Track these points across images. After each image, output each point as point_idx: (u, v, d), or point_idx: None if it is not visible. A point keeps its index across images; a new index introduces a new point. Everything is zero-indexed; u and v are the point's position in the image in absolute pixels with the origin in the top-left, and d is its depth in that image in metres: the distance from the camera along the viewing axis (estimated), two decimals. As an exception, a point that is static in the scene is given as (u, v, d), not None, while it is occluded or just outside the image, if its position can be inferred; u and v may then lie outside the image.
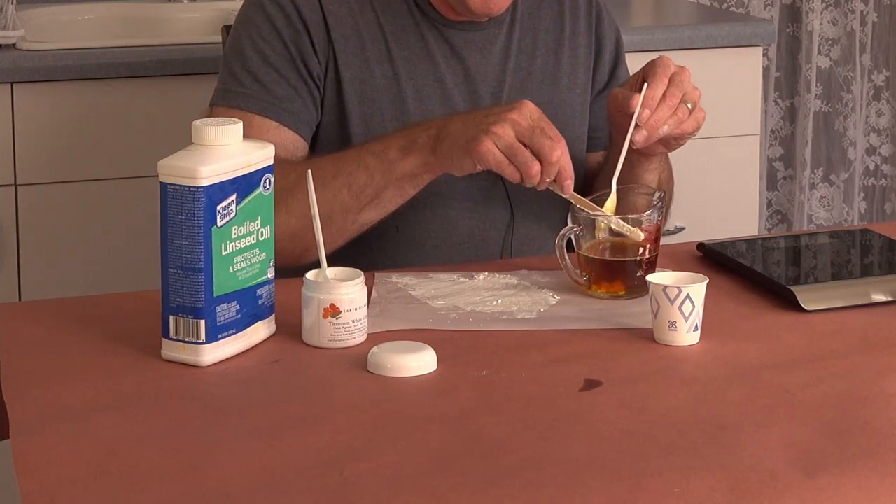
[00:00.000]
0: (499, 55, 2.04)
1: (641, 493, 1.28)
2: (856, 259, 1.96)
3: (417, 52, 2.00)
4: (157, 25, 3.11)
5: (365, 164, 1.85)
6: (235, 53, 1.99)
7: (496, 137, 1.74)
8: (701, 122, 1.89)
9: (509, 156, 1.75)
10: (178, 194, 1.53)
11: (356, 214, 1.86)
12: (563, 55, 2.09)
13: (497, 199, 2.03)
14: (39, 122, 2.69)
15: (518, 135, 1.75)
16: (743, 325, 1.71)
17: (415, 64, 2.00)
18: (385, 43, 2.00)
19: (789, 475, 1.31)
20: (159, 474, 1.32)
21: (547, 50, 2.08)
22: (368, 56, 1.99)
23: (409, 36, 2.01)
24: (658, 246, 1.80)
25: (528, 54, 2.06)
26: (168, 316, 1.57)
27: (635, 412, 1.46)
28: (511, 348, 1.63)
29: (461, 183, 1.99)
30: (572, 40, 2.10)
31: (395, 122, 1.98)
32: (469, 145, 1.76)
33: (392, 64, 1.99)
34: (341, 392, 1.51)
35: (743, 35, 3.14)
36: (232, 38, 2.01)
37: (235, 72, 1.97)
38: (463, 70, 2.02)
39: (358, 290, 1.62)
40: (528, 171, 1.74)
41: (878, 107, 3.90)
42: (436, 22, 2.01)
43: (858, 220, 3.90)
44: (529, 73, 2.06)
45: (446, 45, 2.02)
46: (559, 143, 1.75)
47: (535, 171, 1.74)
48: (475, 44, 2.03)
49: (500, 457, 1.35)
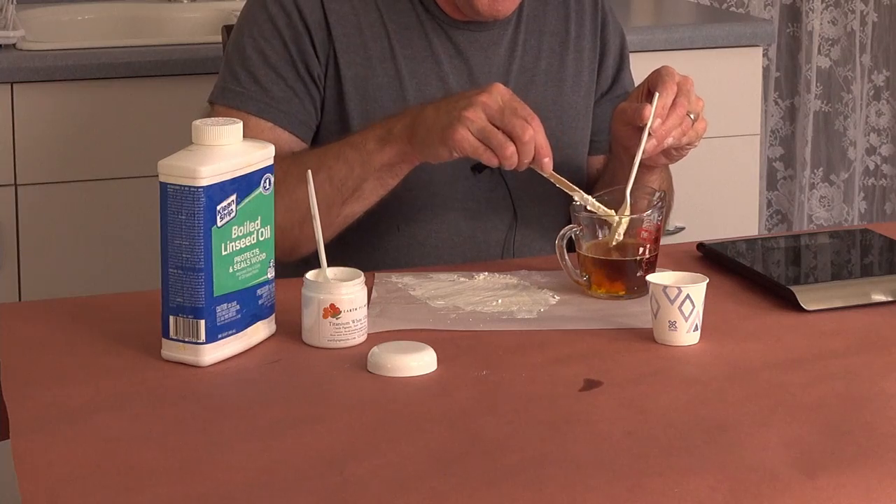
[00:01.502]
0: (503, 56, 2.04)
1: (641, 493, 1.28)
2: (856, 259, 1.96)
3: (421, 52, 2.00)
4: (157, 25, 3.11)
5: (344, 157, 1.85)
6: (236, 52, 1.99)
7: (469, 122, 1.73)
8: (702, 134, 1.89)
9: (483, 139, 1.74)
10: (178, 194, 1.53)
11: (339, 208, 1.86)
12: (567, 57, 2.09)
13: (500, 201, 2.02)
14: (39, 122, 2.69)
15: (490, 118, 1.74)
16: (743, 325, 1.71)
17: (418, 63, 2.00)
18: (388, 41, 2.00)
19: (789, 475, 1.31)
20: (159, 474, 1.32)
21: (552, 52, 2.08)
22: (371, 54, 1.99)
23: (412, 34, 2.01)
24: (658, 246, 1.80)
25: (533, 56, 2.06)
26: (168, 316, 1.57)
27: (635, 412, 1.46)
28: (511, 348, 1.63)
29: (463, 183, 1.99)
30: (577, 43, 2.10)
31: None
32: (444, 133, 1.75)
33: (395, 62, 1.99)
34: (341, 392, 1.51)
35: (743, 35, 3.14)
36: (234, 36, 2.02)
37: (235, 71, 1.98)
38: (467, 70, 2.02)
39: (358, 290, 1.62)
40: (503, 153, 1.73)
41: (878, 107, 3.90)
42: (440, 21, 2.01)
43: (858, 220, 3.90)
44: (534, 74, 2.06)
45: (450, 44, 2.02)
46: (532, 122, 1.74)
47: (509, 152, 1.73)
48: (479, 44, 2.03)
49: (500, 457, 1.35)
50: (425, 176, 1.97)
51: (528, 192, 2.02)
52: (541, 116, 2.04)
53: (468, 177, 2.01)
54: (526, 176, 2.03)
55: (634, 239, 1.78)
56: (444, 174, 1.98)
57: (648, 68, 1.87)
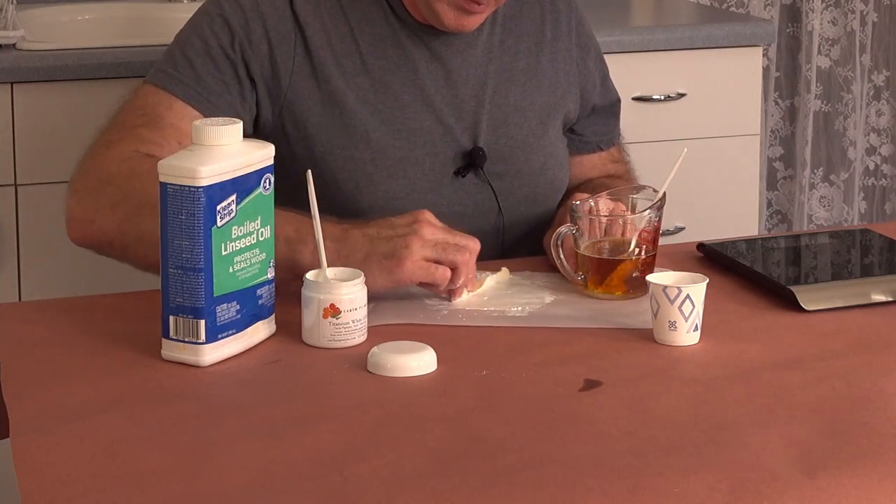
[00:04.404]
0: (480, 57, 2.04)
1: (641, 493, 1.28)
2: (856, 259, 1.96)
3: (395, 60, 1.99)
4: (157, 25, 3.11)
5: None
6: (180, 38, 1.98)
7: (419, 250, 1.70)
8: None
9: (431, 270, 1.71)
10: (178, 194, 1.53)
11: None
12: (543, 58, 2.08)
13: (486, 203, 2.01)
14: (39, 122, 2.69)
15: (431, 249, 1.71)
16: (743, 325, 1.71)
17: (393, 73, 1.99)
18: (360, 55, 1.97)
19: (789, 475, 1.31)
20: (159, 474, 1.32)
21: (528, 52, 2.08)
22: (344, 69, 1.97)
23: (385, 44, 1.99)
24: (656, 246, 1.80)
25: (511, 56, 2.06)
26: (168, 316, 1.57)
27: (635, 412, 1.46)
28: (511, 348, 1.63)
29: (447, 188, 1.98)
30: (553, 45, 2.10)
31: (375, 133, 1.96)
32: (388, 262, 1.70)
33: (368, 76, 1.97)
34: (341, 392, 1.52)
35: (743, 35, 3.14)
36: (185, 25, 2.00)
37: (174, 55, 1.96)
38: (444, 73, 2.01)
39: (358, 290, 1.62)
40: (451, 282, 1.72)
41: (878, 107, 3.90)
42: (414, 28, 2.00)
43: (858, 220, 3.90)
44: (512, 74, 2.05)
45: (426, 49, 2.01)
46: (467, 246, 1.73)
47: (453, 280, 1.73)
48: (455, 47, 2.02)
49: (500, 457, 1.35)
50: (409, 185, 1.96)
51: (514, 193, 2.02)
52: (522, 117, 2.05)
53: (452, 181, 2.00)
54: (510, 175, 2.03)
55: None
56: (427, 181, 1.97)
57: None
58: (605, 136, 2.18)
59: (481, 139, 2.01)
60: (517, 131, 2.04)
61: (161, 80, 1.94)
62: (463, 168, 2.00)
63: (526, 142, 2.04)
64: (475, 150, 2.00)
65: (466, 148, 2.00)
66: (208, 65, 1.93)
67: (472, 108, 2.01)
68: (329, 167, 1.95)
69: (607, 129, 2.19)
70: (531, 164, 2.04)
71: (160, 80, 1.94)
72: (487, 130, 2.02)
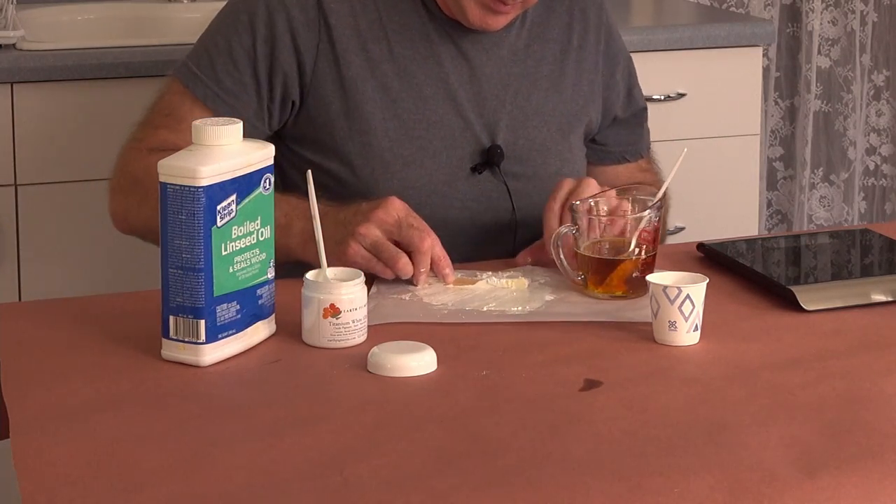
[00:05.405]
0: (506, 58, 2.05)
1: (641, 493, 1.28)
2: (856, 259, 1.96)
3: (422, 52, 2.00)
4: (157, 25, 3.10)
5: None
6: (209, 32, 2.02)
7: (362, 238, 1.77)
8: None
9: (375, 253, 1.77)
10: (178, 194, 1.53)
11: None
12: (567, 66, 2.09)
13: (499, 201, 2.02)
14: (39, 122, 2.69)
15: (386, 233, 1.77)
16: (743, 325, 1.71)
17: (418, 64, 2.00)
18: (387, 42, 1.99)
19: (789, 475, 1.31)
20: (159, 474, 1.32)
21: (553, 59, 2.08)
22: (370, 55, 1.99)
23: (413, 35, 2.01)
24: (656, 246, 1.80)
25: (536, 61, 2.07)
26: (168, 316, 1.57)
27: (635, 412, 1.46)
28: (511, 348, 1.63)
29: (463, 183, 1.99)
30: (578, 53, 2.10)
31: (394, 121, 1.98)
32: (337, 249, 1.76)
33: (394, 63, 1.99)
34: (341, 392, 1.52)
35: (743, 35, 3.14)
36: (216, 17, 2.03)
37: (199, 51, 2.00)
38: (468, 70, 2.02)
39: (358, 290, 1.62)
40: (395, 264, 1.77)
41: (878, 107, 3.89)
42: (442, 22, 2.01)
43: (858, 220, 3.90)
44: (535, 78, 2.06)
45: (452, 45, 2.02)
46: (427, 234, 1.78)
47: (401, 263, 1.77)
48: (482, 44, 2.03)
49: (500, 457, 1.35)
50: (425, 176, 1.97)
51: (528, 195, 2.02)
52: (542, 121, 2.05)
53: (468, 177, 2.01)
54: (525, 176, 2.04)
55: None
56: (443, 174, 1.99)
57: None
58: (630, 146, 2.19)
59: (500, 138, 2.02)
60: (536, 134, 2.05)
61: (184, 76, 1.99)
62: (480, 165, 2.01)
63: (544, 145, 2.05)
64: (493, 148, 2.01)
65: (485, 145, 2.01)
66: (228, 65, 1.97)
67: (493, 107, 2.02)
68: (348, 153, 1.97)
69: (632, 139, 2.19)
70: (547, 167, 2.05)
71: (183, 77, 1.99)
72: (506, 130, 2.03)
